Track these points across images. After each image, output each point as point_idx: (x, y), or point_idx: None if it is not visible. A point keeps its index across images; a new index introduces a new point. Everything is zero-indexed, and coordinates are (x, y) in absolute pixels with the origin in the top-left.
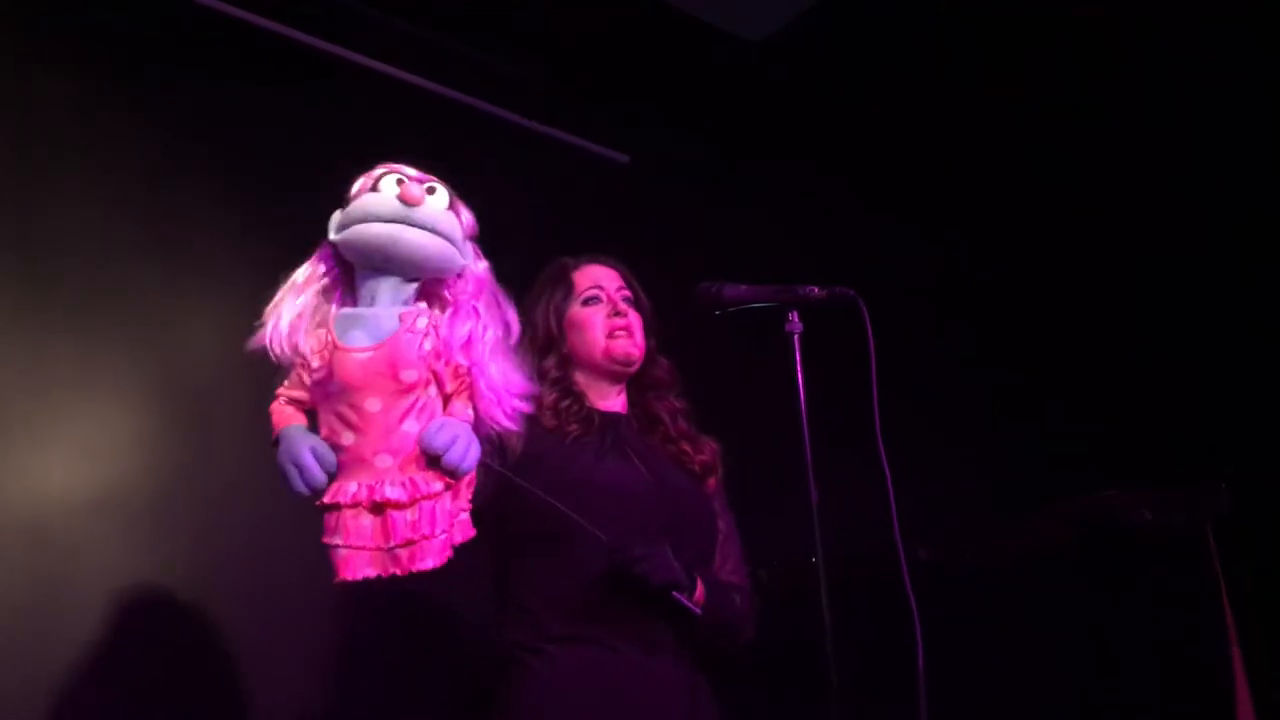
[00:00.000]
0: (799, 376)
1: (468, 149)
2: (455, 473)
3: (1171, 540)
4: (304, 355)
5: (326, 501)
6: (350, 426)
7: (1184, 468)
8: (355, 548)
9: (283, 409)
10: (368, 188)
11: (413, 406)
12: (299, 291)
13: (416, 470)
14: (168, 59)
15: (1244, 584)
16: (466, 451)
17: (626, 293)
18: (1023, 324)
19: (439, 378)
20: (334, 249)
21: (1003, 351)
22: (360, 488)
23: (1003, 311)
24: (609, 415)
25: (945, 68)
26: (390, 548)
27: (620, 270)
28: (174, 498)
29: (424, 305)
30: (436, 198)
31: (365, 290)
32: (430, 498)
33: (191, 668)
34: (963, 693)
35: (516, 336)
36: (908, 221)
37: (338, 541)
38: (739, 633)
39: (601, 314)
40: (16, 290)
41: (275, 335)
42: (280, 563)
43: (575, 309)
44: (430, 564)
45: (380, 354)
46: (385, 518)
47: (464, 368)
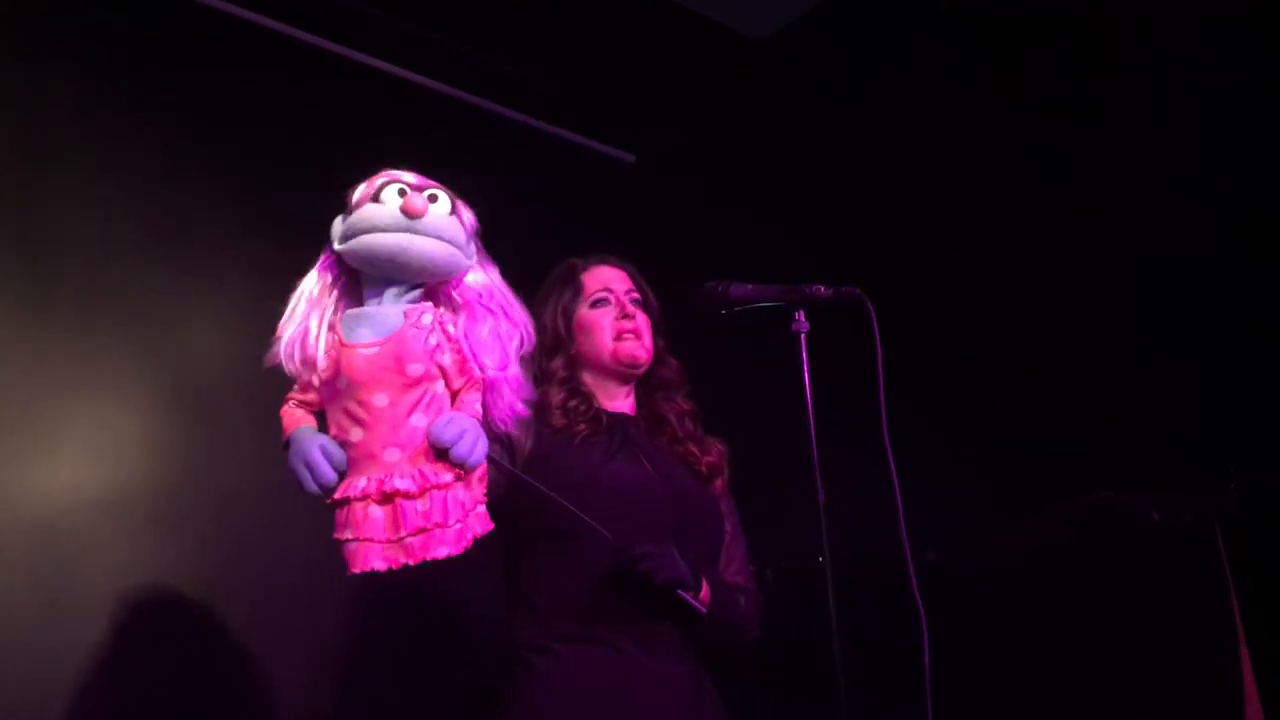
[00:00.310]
0: (805, 376)
1: (473, 149)
2: (464, 465)
3: (1179, 540)
4: (315, 361)
5: (337, 497)
6: (358, 423)
7: (1191, 467)
8: (365, 540)
9: (293, 412)
10: (369, 197)
11: (420, 400)
12: (313, 305)
13: (425, 463)
14: (169, 58)
15: (1252, 584)
16: (475, 445)
17: (635, 295)
18: (1028, 323)
19: (446, 373)
20: (337, 256)
21: (1008, 351)
22: (370, 481)
23: (1007, 311)
24: (617, 416)
25: (950, 66)
26: (400, 537)
27: (630, 272)
28: (180, 498)
29: (429, 303)
30: (438, 205)
31: (372, 292)
32: (441, 488)
33: (198, 668)
34: (969, 693)
35: (531, 344)
36: (912, 221)
37: (348, 535)
38: (744, 633)
39: (610, 316)
40: (19, 290)
41: (291, 350)
42: (287, 563)
43: (584, 311)
44: (445, 552)
45: (386, 349)
46: (395, 508)
47: (472, 364)
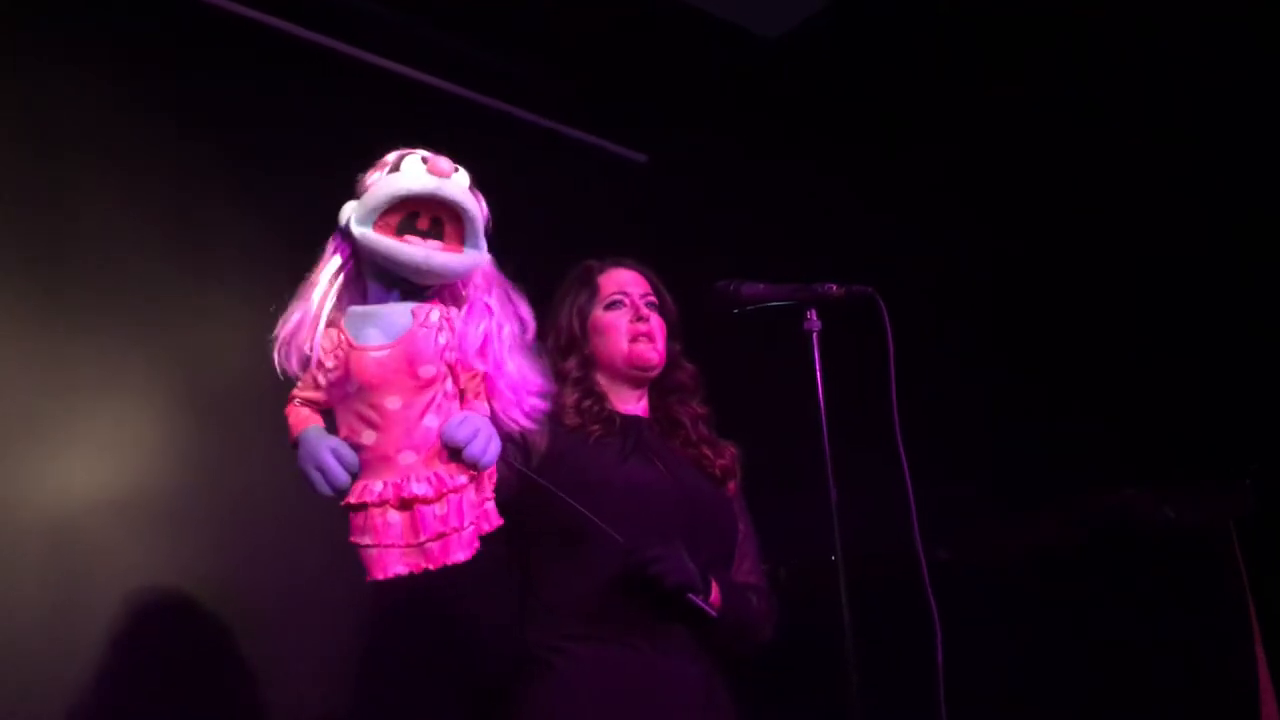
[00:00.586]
0: (817, 375)
1: (485, 149)
2: (477, 465)
3: (1193, 538)
4: (319, 358)
5: (353, 501)
6: (371, 425)
7: (1206, 465)
8: (385, 546)
9: (299, 411)
10: (386, 172)
11: (431, 402)
12: (317, 303)
13: (440, 465)
14: (188, 60)
15: (1267, 582)
16: (488, 445)
17: (651, 298)
18: (1041, 321)
19: (454, 370)
20: (345, 242)
21: (1021, 349)
22: (386, 486)
23: (1021, 308)
24: (630, 418)
25: (966, 65)
26: (420, 543)
27: (646, 275)
28: (196, 498)
29: (435, 300)
30: (460, 175)
31: (380, 286)
32: (456, 490)
33: (213, 668)
34: (982, 692)
35: (532, 332)
36: (924, 219)
37: (367, 541)
38: (756, 633)
39: (624, 319)
40: (37, 292)
41: (286, 351)
42: (301, 563)
43: (599, 313)
44: (461, 556)
45: (397, 351)
46: (413, 513)
47: (477, 363)
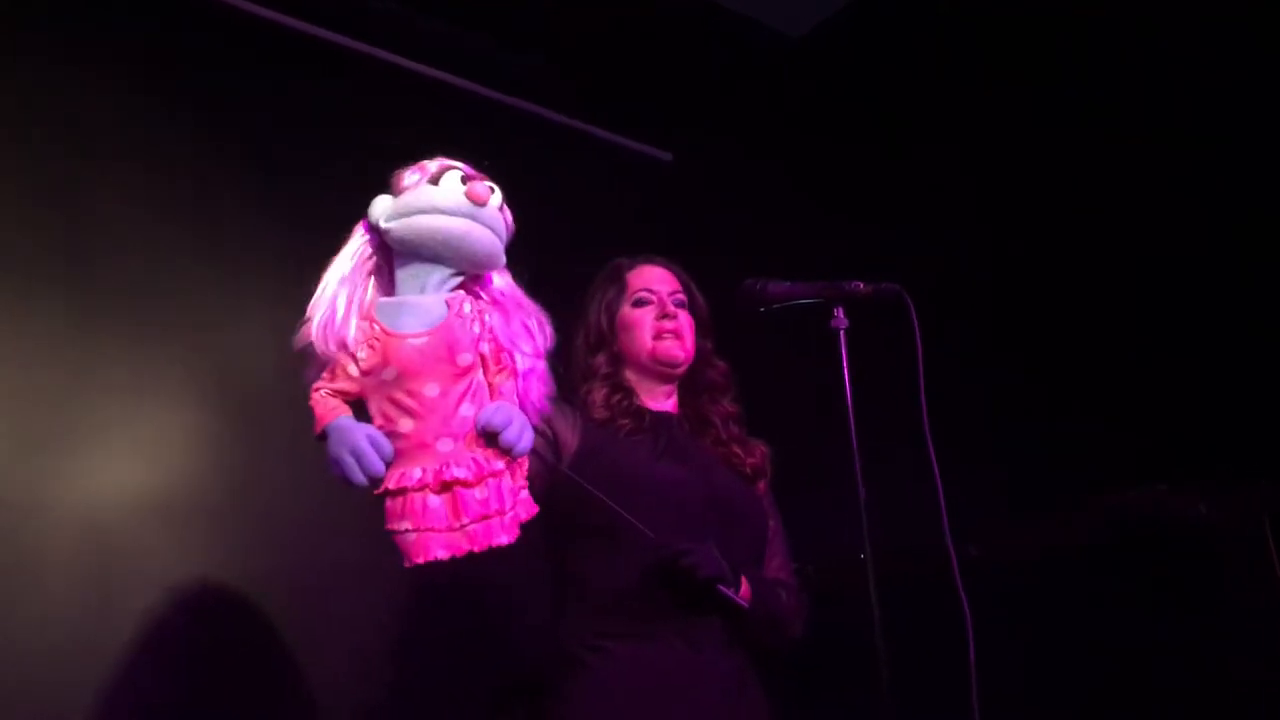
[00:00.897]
0: (845, 373)
1: (510, 148)
2: (511, 451)
3: (1227, 535)
4: (350, 347)
5: (391, 488)
6: (408, 413)
7: (1240, 461)
8: (426, 530)
9: (326, 401)
10: (427, 180)
11: (468, 390)
12: (343, 284)
13: (478, 450)
14: (217, 64)
15: None
16: (523, 431)
17: (680, 295)
18: (1077, 317)
19: (485, 362)
20: (375, 237)
21: (1055, 345)
22: (425, 471)
23: (1059, 304)
24: (660, 415)
25: (990, 63)
26: (462, 525)
27: (676, 273)
28: (228, 498)
29: (463, 293)
30: (495, 197)
31: (411, 279)
32: (495, 475)
33: (245, 666)
34: (1012, 689)
35: (551, 335)
36: (953, 215)
37: (406, 526)
38: (787, 627)
39: (650, 316)
40: (70, 296)
41: (326, 330)
42: (333, 561)
43: (626, 309)
44: (504, 539)
45: (436, 339)
46: (454, 496)
47: (511, 353)
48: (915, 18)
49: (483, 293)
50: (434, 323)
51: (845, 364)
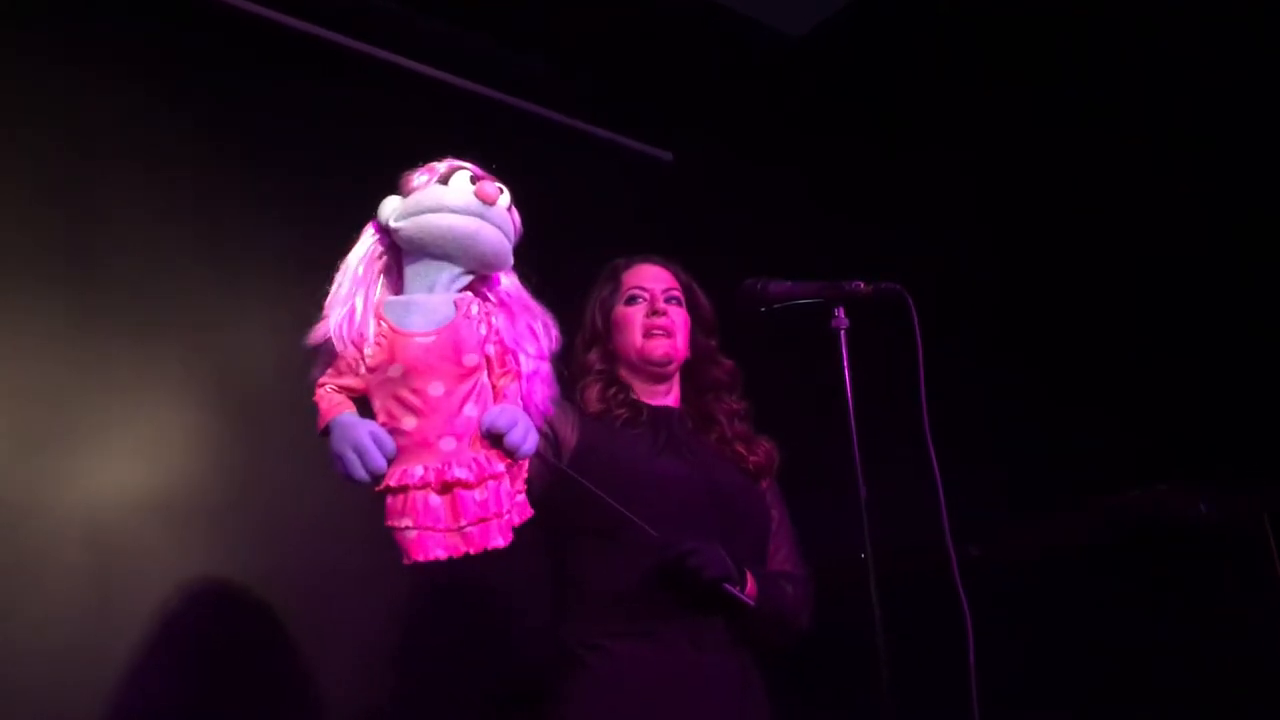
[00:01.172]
0: (845, 372)
1: (511, 148)
2: (515, 454)
3: (1229, 534)
4: (360, 343)
5: (392, 485)
6: (412, 411)
7: (1240, 460)
8: (425, 528)
9: (330, 397)
10: (436, 180)
11: (472, 390)
12: (362, 282)
13: (480, 451)
14: (217, 64)
15: None
16: (527, 434)
17: (674, 293)
18: (1077, 317)
19: (490, 363)
20: (384, 236)
21: (1055, 345)
22: (427, 470)
23: (1059, 304)
24: (660, 409)
25: (990, 63)
26: (461, 526)
27: (673, 270)
28: (230, 499)
29: (470, 294)
30: (503, 197)
31: (420, 278)
32: (495, 477)
33: (247, 666)
34: (1012, 690)
35: (556, 336)
36: (953, 216)
37: (406, 523)
38: (793, 620)
39: (640, 313)
40: (70, 295)
41: (344, 327)
42: (335, 561)
43: (619, 308)
44: (499, 542)
45: (443, 338)
46: (454, 497)
47: (516, 355)
48: (915, 17)
49: (490, 294)
50: (441, 322)
51: (845, 364)
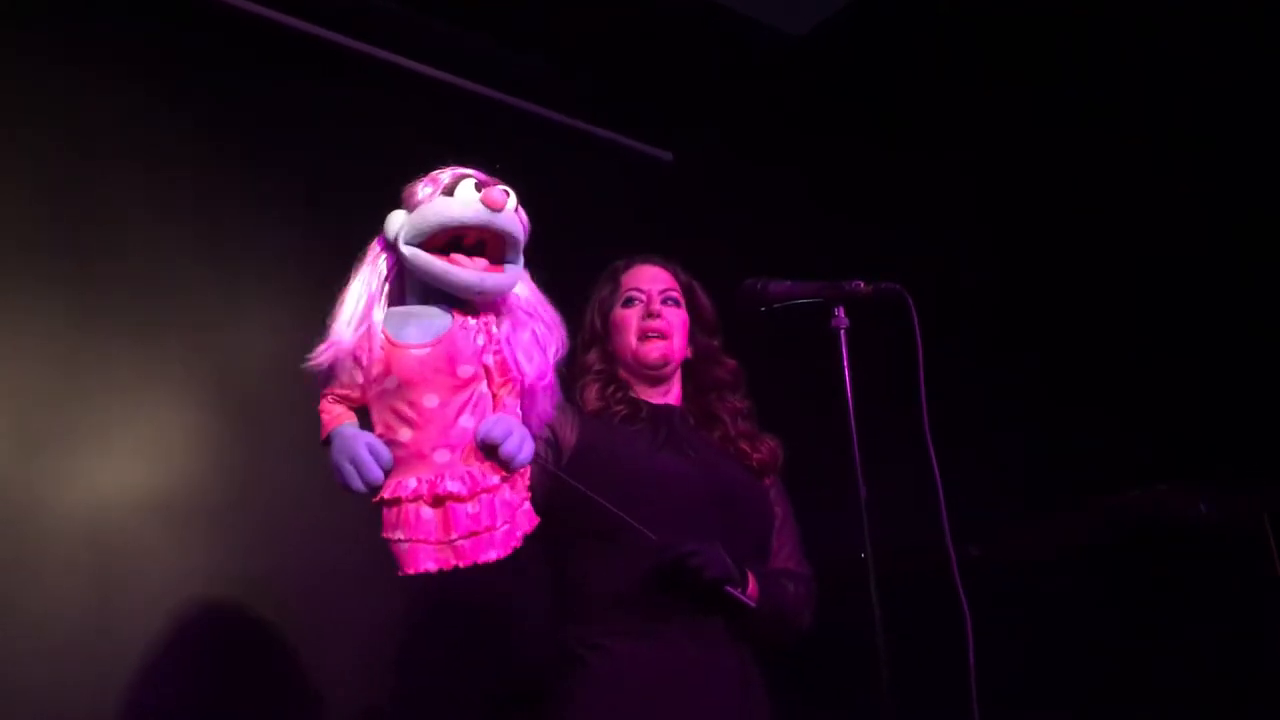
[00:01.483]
0: (845, 372)
1: (512, 148)
2: (511, 464)
3: (1228, 534)
4: (358, 355)
5: (386, 497)
6: (407, 423)
7: (1240, 460)
8: (417, 541)
9: (332, 408)
10: (441, 191)
11: (468, 402)
12: (370, 302)
13: (474, 464)
14: (217, 64)
15: None
16: (522, 444)
17: (671, 293)
18: (1075, 317)
19: (489, 372)
20: (392, 255)
21: (1053, 345)
22: (420, 482)
23: (1055, 304)
24: (659, 408)
25: (990, 63)
26: (451, 540)
27: (672, 271)
28: (231, 501)
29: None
30: (510, 200)
31: (419, 294)
32: (489, 490)
33: (246, 667)
34: (1012, 690)
35: (566, 344)
36: (954, 215)
37: (399, 536)
38: (794, 619)
39: (636, 316)
40: (70, 296)
41: (354, 346)
42: (334, 563)
43: (617, 310)
44: (494, 555)
45: (438, 350)
46: (446, 510)
47: (514, 368)
48: (915, 17)
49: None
50: (437, 333)
51: (845, 364)
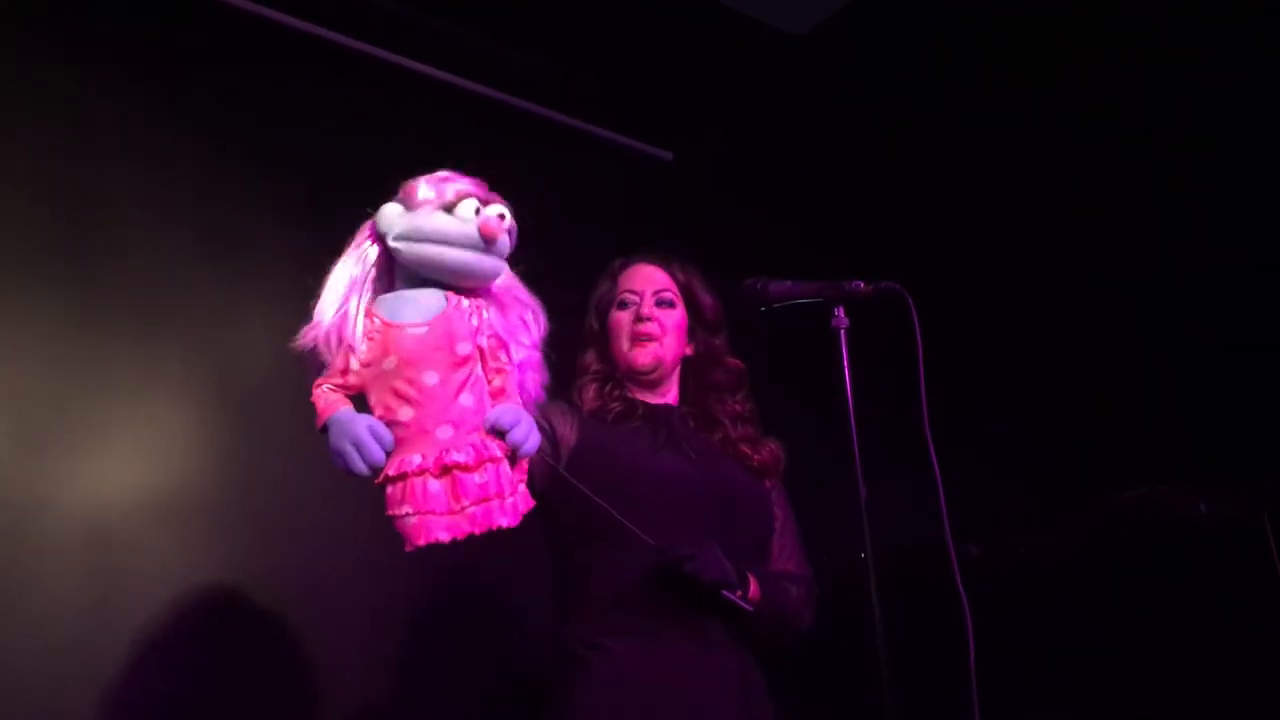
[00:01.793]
0: (845, 372)
1: (512, 148)
2: (518, 450)
3: (1228, 534)
4: (353, 344)
5: (392, 474)
6: (408, 401)
7: (1240, 460)
8: (426, 513)
9: (327, 395)
10: (440, 204)
11: (466, 380)
12: (357, 286)
13: (476, 436)
14: (217, 64)
15: None
16: (530, 432)
17: (667, 294)
18: (1075, 317)
19: (483, 355)
20: (381, 246)
21: (1054, 345)
22: (425, 457)
23: (1057, 304)
24: (658, 408)
25: (990, 63)
26: (463, 508)
27: (669, 270)
28: (231, 499)
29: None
30: (505, 223)
31: (409, 280)
32: (494, 460)
33: (246, 667)
34: (1012, 689)
35: (545, 326)
36: (955, 215)
37: (406, 510)
38: (795, 621)
39: (629, 318)
40: (70, 296)
41: (338, 332)
42: (335, 561)
43: (612, 311)
44: (505, 522)
45: (436, 329)
46: (453, 480)
47: (509, 347)
48: (916, 18)
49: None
50: (433, 314)
51: (845, 364)
